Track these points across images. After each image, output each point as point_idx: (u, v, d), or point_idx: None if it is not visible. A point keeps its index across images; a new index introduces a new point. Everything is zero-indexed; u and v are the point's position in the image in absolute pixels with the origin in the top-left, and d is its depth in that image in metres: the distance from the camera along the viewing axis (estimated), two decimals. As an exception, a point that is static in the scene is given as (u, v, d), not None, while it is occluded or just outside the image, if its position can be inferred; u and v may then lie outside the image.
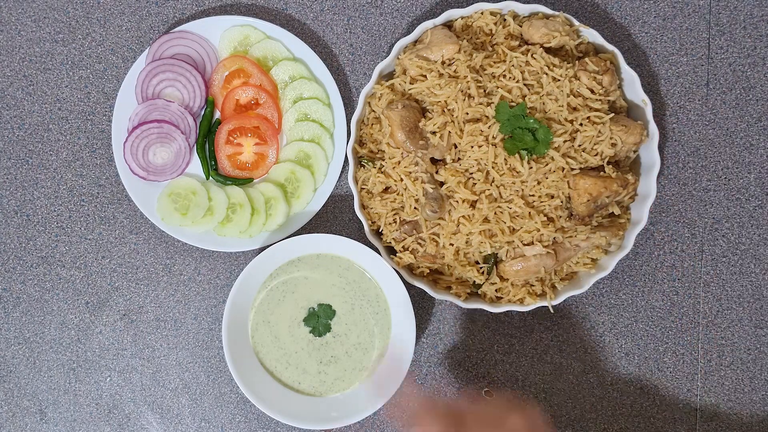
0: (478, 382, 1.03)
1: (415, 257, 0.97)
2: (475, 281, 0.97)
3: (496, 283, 0.97)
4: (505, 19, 0.97)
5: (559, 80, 0.92)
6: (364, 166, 0.98)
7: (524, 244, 0.94)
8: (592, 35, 0.96)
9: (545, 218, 0.93)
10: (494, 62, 0.93)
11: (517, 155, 0.92)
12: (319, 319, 0.98)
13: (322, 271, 0.98)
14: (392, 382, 0.95)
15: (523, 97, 0.92)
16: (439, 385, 1.03)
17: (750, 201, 1.03)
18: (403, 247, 0.97)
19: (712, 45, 1.03)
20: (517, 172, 0.92)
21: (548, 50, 0.95)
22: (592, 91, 0.93)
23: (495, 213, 0.93)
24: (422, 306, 1.03)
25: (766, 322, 1.03)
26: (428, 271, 0.98)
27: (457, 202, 0.93)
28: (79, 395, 1.04)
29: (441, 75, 0.94)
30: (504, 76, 0.93)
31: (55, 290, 1.04)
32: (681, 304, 1.03)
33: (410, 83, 0.95)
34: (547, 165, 0.92)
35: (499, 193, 0.93)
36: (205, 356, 1.04)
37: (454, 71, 0.93)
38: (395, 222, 0.96)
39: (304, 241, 0.96)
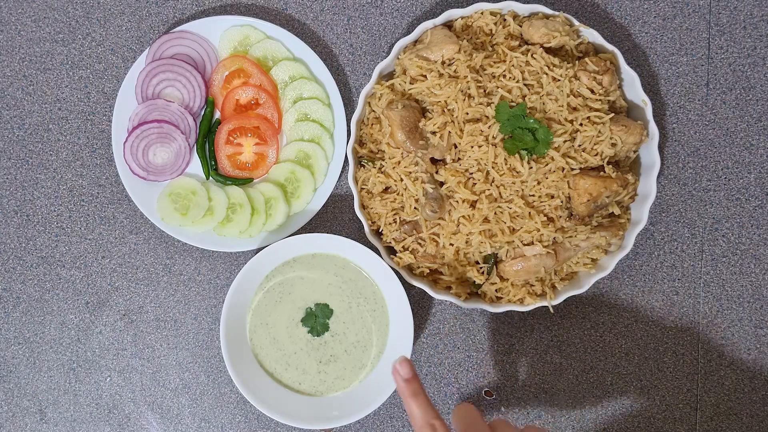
0: (478, 382, 1.03)
1: (415, 257, 0.97)
2: (475, 281, 0.96)
3: (496, 283, 0.97)
4: (505, 19, 0.97)
5: (559, 80, 0.92)
6: (364, 166, 0.98)
7: (524, 244, 0.94)
8: (592, 35, 0.96)
9: (545, 218, 0.93)
10: (494, 62, 0.93)
11: (517, 155, 0.92)
12: (317, 319, 0.98)
13: (318, 270, 0.98)
14: (392, 380, 0.95)
15: (523, 97, 0.92)
16: (439, 385, 1.03)
17: (750, 201, 1.03)
18: (403, 247, 0.97)
19: (712, 45, 1.03)
20: (517, 172, 0.92)
21: (548, 50, 0.95)
22: (592, 91, 0.93)
23: (495, 213, 0.93)
24: (422, 306, 1.03)
25: (766, 322, 1.03)
26: (428, 271, 0.98)
27: (457, 202, 0.93)
28: (79, 395, 1.04)
29: (441, 75, 0.94)
30: (504, 76, 0.93)
31: (55, 290, 1.04)
32: (681, 304, 1.03)
33: (410, 83, 0.95)
34: (547, 165, 0.92)
35: (499, 193, 0.93)
36: (205, 356, 1.04)
37: (454, 71, 0.93)
38: (395, 222, 0.96)
39: (299, 241, 0.96)
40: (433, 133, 0.94)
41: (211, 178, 1.02)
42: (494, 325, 1.03)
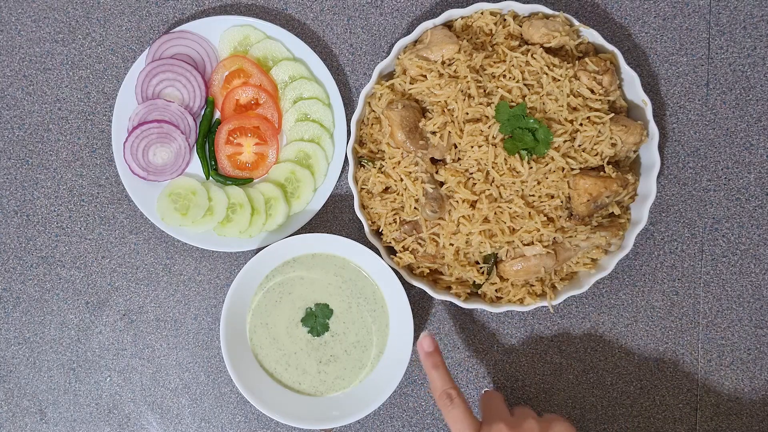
0: (478, 382, 1.03)
1: (415, 257, 0.97)
2: (475, 281, 0.97)
3: (496, 283, 0.97)
4: (505, 19, 0.97)
5: (559, 80, 0.92)
6: (364, 166, 0.98)
7: (524, 244, 0.94)
8: (592, 35, 0.96)
9: (545, 218, 0.93)
10: (494, 62, 0.93)
11: (517, 155, 0.92)
12: (317, 319, 0.98)
13: (318, 270, 0.98)
14: (392, 379, 0.95)
15: (523, 97, 0.92)
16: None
17: (750, 201, 1.03)
18: (403, 247, 0.97)
19: (712, 45, 1.03)
20: (517, 172, 0.92)
21: (548, 50, 0.95)
22: (592, 91, 0.93)
23: (495, 213, 0.93)
24: (422, 306, 1.03)
25: (766, 322, 1.03)
26: (428, 271, 0.98)
27: (457, 202, 0.93)
28: (79, 395, 1.04)
29: (441, 75, 0.94)
30: (504, 76, 0.93)
31: (55, 290, 1.04)
32: (681, 304, 1.03)
33: (410, 83, 0.95)
34: (547, 165, 0.92)
35: (499, 193, 0.93)
36: (205, 356, 1.04)
37: (454, 71, 0.93)
38: (395, 222, 0.96)
39: (299, 241, 0.96)
40: (433, 133, 0.94)
41: (211, 178, 1.02)
42: (494, 325, 1.03)
